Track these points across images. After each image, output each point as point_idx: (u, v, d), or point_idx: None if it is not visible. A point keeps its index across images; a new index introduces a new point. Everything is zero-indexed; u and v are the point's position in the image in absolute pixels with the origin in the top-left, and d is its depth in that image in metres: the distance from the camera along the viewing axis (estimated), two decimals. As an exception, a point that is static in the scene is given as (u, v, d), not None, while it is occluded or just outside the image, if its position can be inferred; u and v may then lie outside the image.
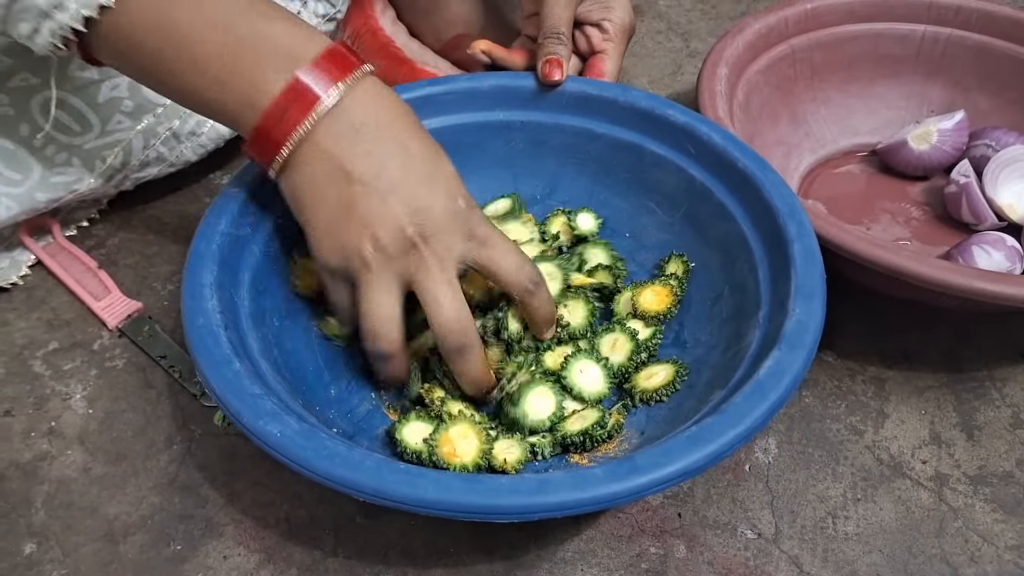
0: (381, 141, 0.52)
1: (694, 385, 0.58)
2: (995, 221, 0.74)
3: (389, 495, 0.45)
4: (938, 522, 0.59)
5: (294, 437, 0.46)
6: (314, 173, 0.52)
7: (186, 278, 0.54)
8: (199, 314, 0.52)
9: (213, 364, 0.50)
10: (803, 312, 0.52)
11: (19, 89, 0.66)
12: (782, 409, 0.50)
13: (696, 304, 0.64)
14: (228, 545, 0.56)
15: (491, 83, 0.69)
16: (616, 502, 0.45)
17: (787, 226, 0.57)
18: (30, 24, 0.51)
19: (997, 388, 0.67)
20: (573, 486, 0.44)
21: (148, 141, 0.71)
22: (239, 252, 0.58)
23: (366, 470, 0.45)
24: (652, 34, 1.01)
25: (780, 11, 0.79)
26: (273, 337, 0.57)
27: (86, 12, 0.50)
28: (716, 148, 0.63)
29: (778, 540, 0.58)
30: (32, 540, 0.56)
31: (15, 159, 0.67)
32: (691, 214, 0.65)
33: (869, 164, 0.83)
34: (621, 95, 0.67)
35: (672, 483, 0.45)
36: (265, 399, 0.48)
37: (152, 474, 0.60)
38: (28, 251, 0.72)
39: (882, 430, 0.64)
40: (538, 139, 0.69)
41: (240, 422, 0.48)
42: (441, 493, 0.44)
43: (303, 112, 0.51)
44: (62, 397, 0.64)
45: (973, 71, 0.83)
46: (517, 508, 0.44)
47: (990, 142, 0.78)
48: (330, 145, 0.52)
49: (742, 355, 0.54)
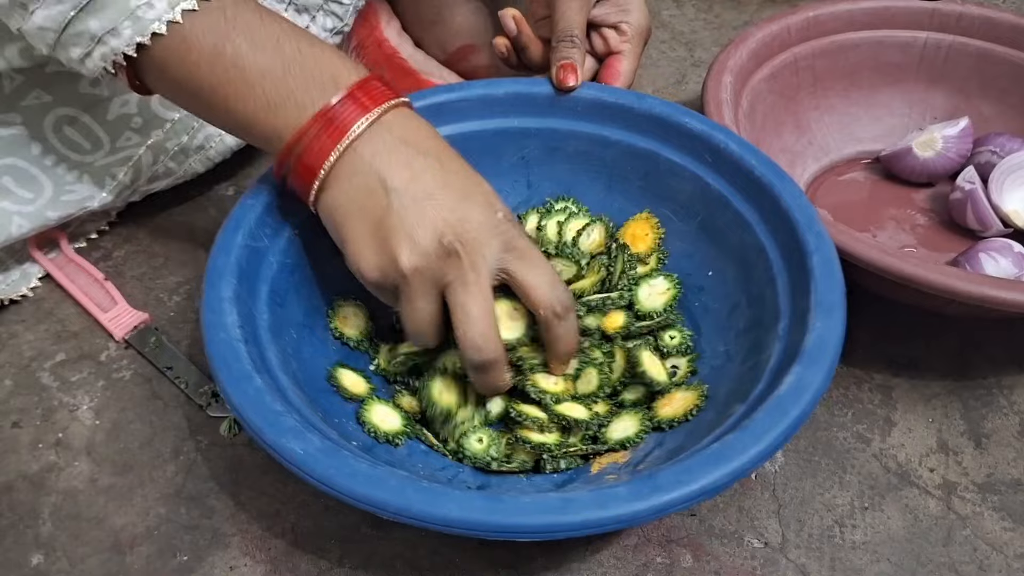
0: (419, 156, 0.53)
1: (713, 397, 0.58)
2: (1001, 227, 0.74)
3: (412, 513, 0.44)
4: (946, 530, 0.59)
5: (317, 455, 0.46)
6: (351, 188, 0.53)
7: (205, 292, 0.54)
8: (219, 329, 0.52)
9: (234, 380, 0.49)
10: (823, 327, 0.52)
11: (32, 108, 0.66)
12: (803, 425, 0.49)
13: (712, 314, 0.63)
14: (234, 556, 0.56)
15: (506, 90, 0.68)
16: (638, 521, 0.45)
17: (806, 237, 0.57)
18: (82, 49, 0.52)
19: (1005, 395, 0.67)
20: (596, 505, 0.44)
21: (157, 157, 0.71)
22: (256, 265, 0.57)
23: (389, 488, 0.45)
24: (656, 44, 1.02)
25: (783, 19, 0.79)
26: (292, 349, 0.57)
27: (140, 39, 0.50)
28: (733, 157, 0.63)
29: (785, 549, 0.57)
30: (39, 551, 0.56)
31: (27, 178, 0.67)
32: (707, 223, 0.65)
33: (873, 171, 0.83)
34: (637, 102, 0.67)
35: (695, 501, 0.45)
36: (287, 416, 0.48)
37: (158, 485, 0.60)
38: (37, 264, 0.72)
39: (889, 438, 0.64)
40: (553, 146, 0.69)
41: (262, 439, 0.47)
42: (464, 512, 0.44)
43: (342, 130, 0.52)
44: (69, 408, 0.64)
45: (976, 77, 0.83)
46: (540, 527, 0.44)
47: (994, 148, 0.78)
48: (368, 158, 0.52)
49: (761, 368, 0.54)
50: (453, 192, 0.53)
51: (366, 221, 0.52)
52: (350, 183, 0.53)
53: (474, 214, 0.52)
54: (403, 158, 0.53)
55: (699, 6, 1.08)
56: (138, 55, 0.52)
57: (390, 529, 0.58)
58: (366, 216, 0.52)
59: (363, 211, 0.52)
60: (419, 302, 0.53)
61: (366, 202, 0.52)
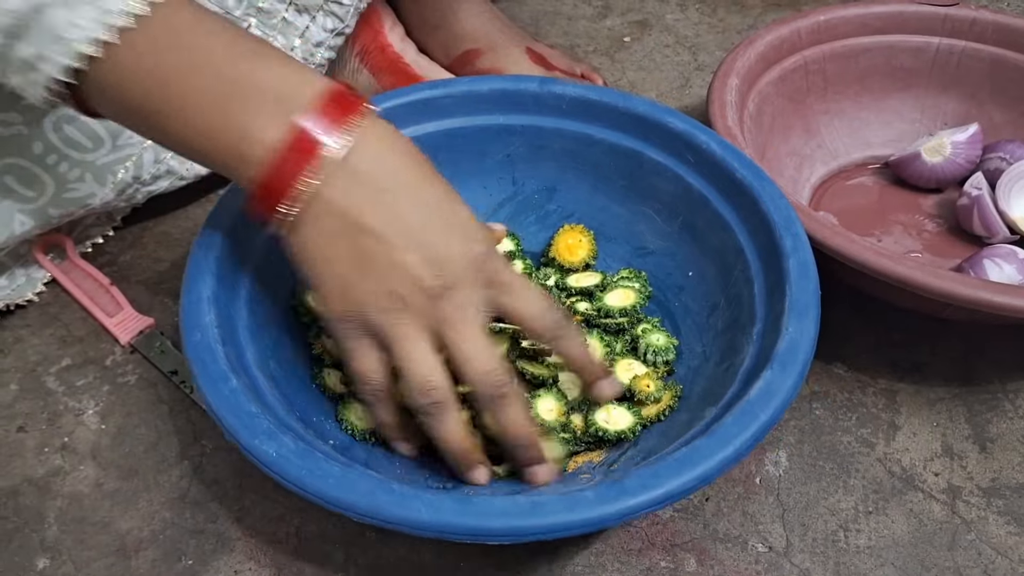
0: (392, 190, 0.49)
1: (688, 397, 0.58)
2: (1007, 234, 0.74)
3: (382, 516, 0.45)
4: (951, 535, 0.59)
5: (290, 457, 0.47)
6: (323, 229, 0.49)
7: (184, 293, 0.54)
8: (196, 329, 0.52)
9: (210, 380, 0.50)
10: (796, 330, 0.52)
11: (32, 107, 0.66)
12: (777, 425, 0.50)
13: (692, 314, 0.64)
14: (239, 560, 0.56)
15: (491, 87, 0.68)
16: (606, 524, 0.46)
17: (783, 239, 0.57)
18: (21, 76, 0.49)
19: (1010, 399, 0.67)
20: (564, 509, 0.45)
21: (158, 155, 0.71)
22: (235, 265, 0.57)
23: (360, 491, 0.45)
24: (660, 48, 1.02)
25: (793, 23, 0.79)
26: (271, 349, 0.57)
27: (69, 62, 0.47)
28: (715, 157, 0.63)
29: (789, 553, 0.57)
30: (45, 555, 0.57)
31: (30, 177, 0.68)
32: (689, 223, 0.65)
33: (882, 176, 0.83)
34: (621, 101, 0.66)
35: (661, 505, 0.46)
36: (262, 418, 0.48)
37: (164, 489, 0.60)
38: (42, 269, 0.73)
39: (893, 442, 0.64)
40: (538, 144, 0.69)
41: (237, 440, 0.48)
42: (433, 515, 0.44)
43: (302, 162, 0.48)
44: (75, 413, 0.64)
45: (987, 84, 0.82)
46: (509, 530, 0.45)
47: (1004, 155, 0.78)
48: (338, 197, 0.48)
49: (735, 371, 0.54)
50: (431, 230, 0.50)
51: (340, 267, 0.49)
52: (318, 226, 0.49)
53: (454, 252, 0.50)
54: (373, 194, 0.49)
55: (703, 10, 1.08)
56: (77, 80, 0.48)
57: (394, 534, 0.57)
58: (339, 261, 0.49)
59: (336, 256, 0.49)
60: (413, 347, 0.50)
61: (338, 247, 0.49)
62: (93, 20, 0.46)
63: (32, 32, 0.46)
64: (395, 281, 0.49)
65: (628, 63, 0.99)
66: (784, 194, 0.60)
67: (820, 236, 0.60)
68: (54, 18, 0.46)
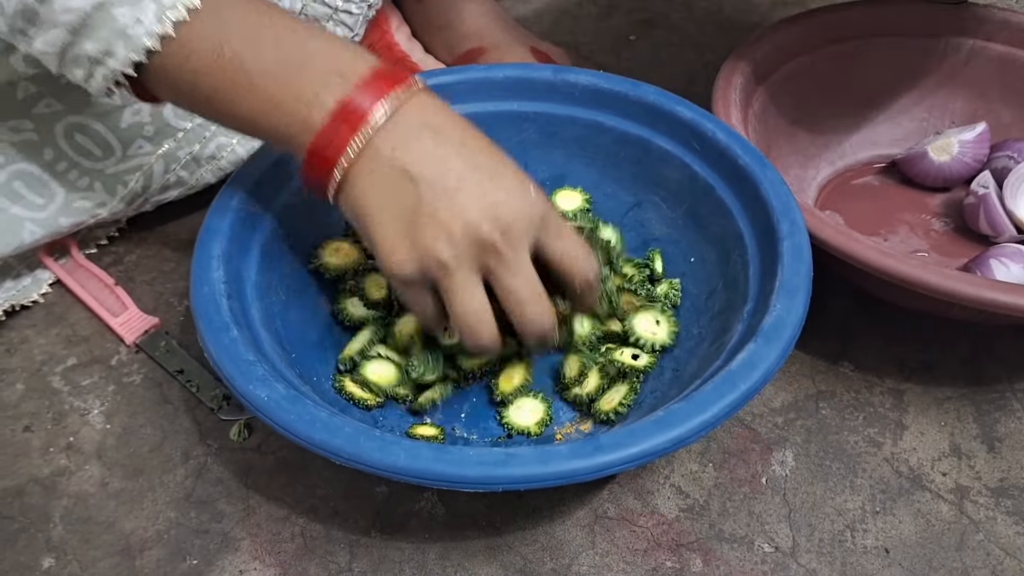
0: (441, 142, 0.52)
1: (681, 375, 0.59)
2: (1014, 233, 0.73)
3: (364, 460, 0.47)
4: (959, 535, 0.58)
5: (280, 401, 0.49)
6: (375, 183, 0.51)
7: (196, 250, 0.57)
8: (204, 283, 0.55)
9: (213, 330, 0.53)
10: (783, 308, 0.53)
11: (43, 115, 0.67)
12: (752, 399, 0.51)
13: (692, 298, 0.65)
14: (244, 560, 0.56)
15: (505, 74, 0.69)
16: (577, 478, 0.47)
17: (780, 224, 0.58)
18: (83, 70, 0.52)
19: (1018, 399, 0.66)
20: (538, 461, 0.47)
21: (168, 166, 0.71)
22: (250, 228, 0.60)
23: (344, 436, 0.48)
24: (665, 46, 1.01)
25: (801, 21, 0.79)
26: (278, 309, 0.60)
27: (135, 57, 0.50)
28: (720, 145, 0.64)
29: (795, 554, 0.57)
30: (50, 555, 0.57)
31: (39, 184, 0.68)
32: (693, 210, 0.66)
33: (888, 175, 0.82)
34: (632, 90, 0.68)
35: (634, 464, 0.47)
36: (257, 365, 0.51)
37: (169, 489, 0.60)
38: (48, 269, 0.73)
39: (901, 442, 0.63)
40: (550, 130, 0.70)
41: (232, 385, 0.51)
42: (411, 461, 0.47)
43: (357, 122, 0.50)
44: (80, 412, 0.64)
45: (996, 82, 0.82)
46: (482, 479, 0.47)
47: (1012, 154, 0.77)
48: (389, 152, 0.51)
49: (723, 347, 0.55)
50: (483, 174, 0.52)
51: (396, 217, 0.51)
52: (372, 179, 0.51)
53: (507, 195, 0.51)
54: (426, 146, 0.51)
55: (709, 8, 1.08)
56: (138, 72, 0.51)
57: (399, 534, 0.58)
58: (395, 212, 0.51)
59: (391, 207, 0.51)
60: (466, 293, 0.52)
61: (393, 197, 0.51)
62: (155, 14, 0.49)
63: (97, 28, 0.49)
64: (451, 225, 0.50)
65: (633, 62, 0.99)
66: (784, 181, 0.61)
67: (825, 236, 0.60)
68: (118, 14, 0.49)
